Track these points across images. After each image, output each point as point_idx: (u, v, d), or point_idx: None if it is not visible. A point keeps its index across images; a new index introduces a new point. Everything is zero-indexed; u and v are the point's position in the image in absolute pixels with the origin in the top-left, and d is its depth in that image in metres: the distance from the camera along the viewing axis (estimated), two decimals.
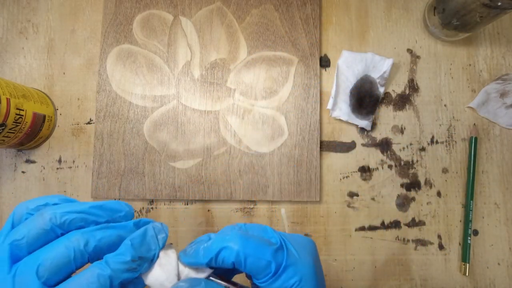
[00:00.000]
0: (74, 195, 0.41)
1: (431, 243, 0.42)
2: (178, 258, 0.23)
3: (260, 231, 0.24)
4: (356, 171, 0.42)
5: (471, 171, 0.42)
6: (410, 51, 0.44)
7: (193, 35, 0.43)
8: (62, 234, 0.20)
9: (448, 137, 0.43)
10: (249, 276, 0.24)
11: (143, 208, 0.42)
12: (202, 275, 0.23)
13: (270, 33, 0.43)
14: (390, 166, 0.43)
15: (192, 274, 0.22)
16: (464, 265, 0.41)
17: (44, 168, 0.42)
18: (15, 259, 0.19)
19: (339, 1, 0.45)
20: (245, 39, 0.43)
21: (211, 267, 0.23)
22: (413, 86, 0.44)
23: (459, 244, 0.42)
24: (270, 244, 0.22)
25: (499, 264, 0.42)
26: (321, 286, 0.23)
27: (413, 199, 0.42)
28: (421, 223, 0.42)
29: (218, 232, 0.24)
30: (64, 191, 0.41)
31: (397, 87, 0.44)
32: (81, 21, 0.43)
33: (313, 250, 0.24)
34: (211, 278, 0.23)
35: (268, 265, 0.22)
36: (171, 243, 0.34)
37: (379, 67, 0.42)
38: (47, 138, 0.42)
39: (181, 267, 0.22)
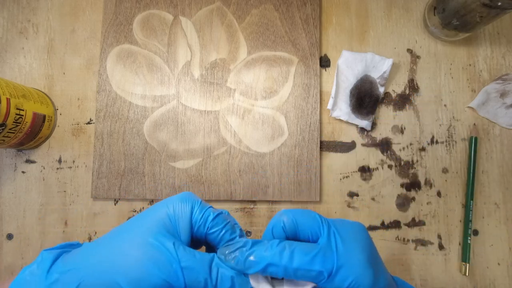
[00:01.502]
0: (74, 195, 0.41)
1: (431, 243, 0.42)
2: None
3: (310, 220, 0.24)
4: (356, 171, 0.42)
5: (471, 171, 0.42)
6: (410, 51, 0.44)
7: (193, 35, 0.43)
8: None
9: (448, 137, 0.43)
10: None
11: (143, 208, 0.42)
12: None
13: (270, 33, 0.43)
14: (390, 166, 0.43)
15: None
16: (464, 265, 0.41)
17: (44, 168, 0.42)
18: None
19: (339, 1, 0.45)
20: (245, 39, 0.43)
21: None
22: (413, 86, 0.44)
23: (459, 244, 0.42)
24: (316, 250, 0.22)
25: (499, 264, 0.42)
26: (379, 272, 0.23)
27: (413, 199, 0.42)
28: (421, 223, 0.42)
29: (263, 236, 0.25)
30: (64, 191, 0.41)
31: (397, 87, 0.44)
32: (81, 21, 0.43)
33: (364, 236, 0.24)
34: None
35: (320, 274, 0.22)
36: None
37: (379, 67, 0.42)
38: (47, 138, 0.42)
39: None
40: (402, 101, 0.43)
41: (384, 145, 0.43)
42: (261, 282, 0.23)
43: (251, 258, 0.22)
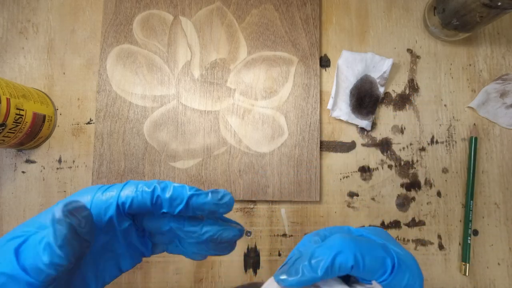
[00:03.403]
0: None
1: (431, 243, 0.42)
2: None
3: (345, 232, 0.23)
4: (356, 171, 0.42)
5: (471, 171, 0.42)
6: (410, 51, 0.44)
7: (193, 35, 0.43)
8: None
9: (448, 137, 0.43)
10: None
11: None
12: None
13: (270, 33, 0.43)
14: (390, 166, 0.43)
15: None
16: (464, 265, 0.41)
17: (44, 168, 0.42)
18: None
19: (339, 1, 0.45)
20: (245, 39, 0.43)
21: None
22: (413, 86, 0.44)
23: (459, 244, 0.42)
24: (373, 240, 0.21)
25: (499, 264, 0.42)
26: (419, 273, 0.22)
27: (413, 199, 0.42)
28: (421, 223, 0.42)
29: (302, 245, 0.23)
30: (64, 191, 0.41)
31: (397, 87, 0.44)
32: (81, 21, 0.43)
33: (395, 240, 0.24)
34: None
35: (384, 261, 0.21)
36: None
37: (379, 67, 0.42)
38: (47, 138, 0.42)
39: None
40: (402, 101, 0.43)
41: (384, 145, 0.43)
42: (334, 284, 0.21)
43: (317, 257, 0.20)
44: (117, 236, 0.23)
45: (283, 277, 0.21)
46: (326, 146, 0.43)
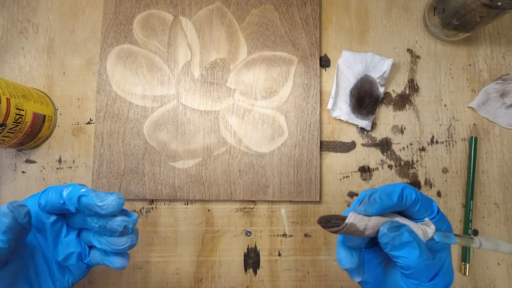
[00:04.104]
0: None
1: None
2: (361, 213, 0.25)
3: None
4: (356, 171, 0.42)
5: (471, 171, 0.42)
6: (410, 51, 0.44)
7: (193, 35, 0.43)
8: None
9: (448, 137, 0.43)
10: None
11: (143, 208, 0.42)
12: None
13: (270, 33, 0.43)
14: (390, 166, 0.43)
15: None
16: (464, 265, 0.41)
17: (44, 168, 0.42)
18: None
19: (339, 1, 0.45)
20: (245, 39, 0.43)
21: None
22: (413, 86, 0.44)
23: None
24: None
25: (499, 264, 0.42)
26: None
27: None
28: None
29: (359, 198, 0.27)
30: None
31: (397, 87, 0.44)
32: (81, 21, 0.44)
33: None
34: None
35: (432, 204, 0.26)
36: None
37: (379, 67, 0.42)
38: (47, 138, 0.42)
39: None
40: (402, 101, 0.43)
41: (384, 145, 0.43)
42: (402, 219, 0.26)
43: (388, 189, 0.26)
44: (48, 232, 0.28)
45: (366, 207, 0.25)
46: (326, 146, 0.43)
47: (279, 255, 0.41)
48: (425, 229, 0.25)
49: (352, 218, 0.24)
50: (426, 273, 0.25)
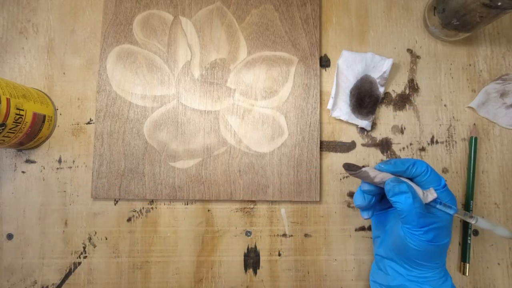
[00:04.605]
0: (74, 195, 0.41)
1: None
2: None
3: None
4: None
5: (471, 171, 0.42)
6: (410, 51, 0.44)
7: (193, 35, 0.43)
8: None
9: (448, 137, 0.43)
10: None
11: (143, 208, 0.42)
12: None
13: (270, 33, 0.43)
14: None
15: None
16: (464, 265, 0.41)
17: (44, 168, 0.42)
18: None
19: (339, 1, 0.45)
20: (245, 39, 0.43)
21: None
22: (413, 86, 0.44)
23: (459, 244, 0.42)
24: None
25: (499, 264, 0.42)
26: None
27: None
28: None
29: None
30: (64, 191, 0.41)
31: (397, 87, 0.44)
32: (81, 21, 0.44)
33: None
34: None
35: (440, 179, 0.33)
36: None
37: (379, 67, 0.42)
38: (47, 138, 0.42)
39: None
40: (402, 101, 0.43)
41: (384, 145, 0.43)
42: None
43: (401, 159, 0.34)
44: None
45: (382, 164, 0.33)
46: (326, 146, 0.43)
47: (279, 255, 0.41)
48: (426, 194, 0.32)
49: (367, 168, 0.33)
50: (416, 220, 0.31)
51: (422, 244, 0.31)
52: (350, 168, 0.33)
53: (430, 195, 0.32)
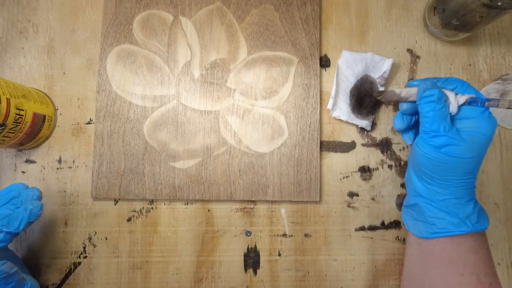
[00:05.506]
0: (74, 195, 0.41)
1: None
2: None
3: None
4: (356, 171, 0.42)
5: None
6: (410, 51, 0.44)
7: (193, 35, 0.43)
8: None
9: None
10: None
11: (143, 208, 0.42)
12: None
13: (270, 33, 0.43)
14: (390, 166, 0.43)
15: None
16: None
17: (44, 168, 0.42)
18: None
19: (339, 1, 0.45)
20: (245, 39, 0.43)
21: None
22: None
23: None
24: None
25: (499, 264, 0.42)
26: None
27: None
28: None
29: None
30: (64, 191, 0.41)
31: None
32: (81, 21, 0.44)
33: None
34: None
35: (478, 93, 0.33)
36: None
37: (379, 67, 0.42)
38: (47, 138, 0.42)
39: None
40: None
41: (384, 145, 0.43)
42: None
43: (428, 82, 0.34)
44: None
45: (414, 82, 0.35)
46: (326, 146, 0.43)
47: (279, 255, 0.41)
48: (459, 97, 0.32)
49: (393, 88, 0.38)
50: (431, 122, 0.31)
51: (429, 149, 0.31)
52: (380, 93, 0.38)
53: (464, 96, 0.31)
